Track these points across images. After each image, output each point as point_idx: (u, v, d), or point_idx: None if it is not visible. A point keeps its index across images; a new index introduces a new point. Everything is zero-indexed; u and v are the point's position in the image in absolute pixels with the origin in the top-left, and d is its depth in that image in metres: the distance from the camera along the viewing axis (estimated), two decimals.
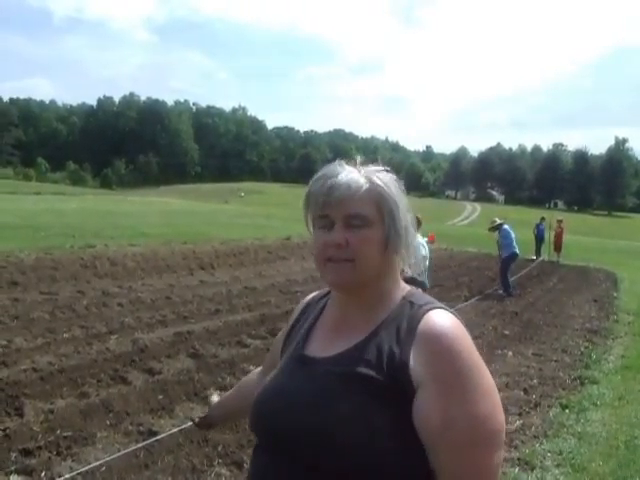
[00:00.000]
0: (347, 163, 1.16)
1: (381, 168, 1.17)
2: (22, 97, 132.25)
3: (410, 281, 1.22)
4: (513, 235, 11.77)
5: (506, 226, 11.89)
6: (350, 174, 1.12)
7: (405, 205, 1.15)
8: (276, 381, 1.20)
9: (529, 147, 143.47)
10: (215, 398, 1.66)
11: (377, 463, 1.02)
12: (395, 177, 1.18)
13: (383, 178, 1.15)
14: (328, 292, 1.30)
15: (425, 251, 7.02)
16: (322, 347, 1.17)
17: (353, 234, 1.10)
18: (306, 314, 1.31)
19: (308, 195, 1.16)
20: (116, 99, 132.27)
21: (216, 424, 1.68)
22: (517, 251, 11.84)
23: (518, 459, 4.12)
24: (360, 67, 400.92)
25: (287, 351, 1.27)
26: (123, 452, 3.76)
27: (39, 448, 3.81)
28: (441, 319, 1.09)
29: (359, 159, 1.18)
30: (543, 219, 20.65)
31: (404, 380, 1.03)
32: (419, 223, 7.08)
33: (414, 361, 1.04)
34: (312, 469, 1.04)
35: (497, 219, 12.36)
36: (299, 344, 1.22)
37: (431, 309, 1.12)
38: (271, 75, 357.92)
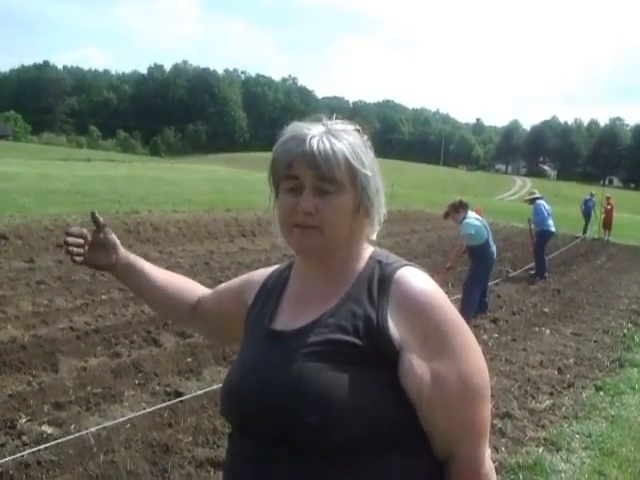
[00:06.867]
0: (315, 121, 1.09)
1: (351, 127, 1.09)
2: (76, 66, 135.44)
3: None
4: (548, 212, 10.66)
5: (540, 201, 10.78)
6: (322, 135, 1.05)
7: (376, 167, 1.09)
8: (247, 361, 1.14)
9: (585, 121, 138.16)
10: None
11: (365, 434, 0.98)
12: (365, 137, 1.10)
13: (354, 139, 1.08)
14: (288, 265, 1.25)
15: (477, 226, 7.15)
16: (291, 319, 1.11)
17: (323, 202, 1.04)
18: (268, 289, 1.23)
19: (276, 155, 1.09)
20: (167, 68, 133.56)
21: (108, 263, 1.34)
22: (551, 229, 10.67)
23: (544, 439, 4.01)
24: (411, 37, 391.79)
25: (252, 327, 1.20)
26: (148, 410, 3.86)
27: (70, 402, 3.97)
28: (413, 277, 1.06)
29: (324, 118, 1.10)
30: (592, 195, 19.90)
31: (385, 344, 1.00)
32: (463, 206, 7.26)
33: (393, 323, 1.01)
34: (284, 445, 0.99)
35: (536, 192, 11.36)
36: (266, 319, 1.16)
37: (400, 266, 1.08)
38: (320, 45, 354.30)
